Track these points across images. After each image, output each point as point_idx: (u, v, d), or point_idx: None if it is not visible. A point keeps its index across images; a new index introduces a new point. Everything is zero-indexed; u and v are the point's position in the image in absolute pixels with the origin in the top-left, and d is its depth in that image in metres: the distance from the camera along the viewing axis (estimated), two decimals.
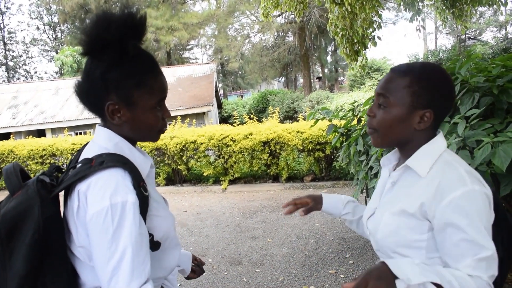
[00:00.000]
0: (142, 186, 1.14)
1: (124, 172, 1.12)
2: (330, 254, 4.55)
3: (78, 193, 1.09)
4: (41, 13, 45.32)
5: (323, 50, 33.99)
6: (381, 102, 1.22)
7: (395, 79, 1.20)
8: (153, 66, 1.20)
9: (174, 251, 1.31)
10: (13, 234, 1.06)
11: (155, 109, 1.20)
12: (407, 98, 1.18)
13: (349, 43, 6.28)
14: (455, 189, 1.09)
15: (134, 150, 1.23)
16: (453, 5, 7.31)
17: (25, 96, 19.36)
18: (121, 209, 1.05)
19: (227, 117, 26.36)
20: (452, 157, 1.19)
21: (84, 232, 1.09)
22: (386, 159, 1.39)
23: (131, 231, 1.05)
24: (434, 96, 1.17)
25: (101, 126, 1.23)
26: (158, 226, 1.21)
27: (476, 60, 2.99)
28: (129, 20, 1.11)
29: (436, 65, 1.22)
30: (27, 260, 1.04)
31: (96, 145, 1.19)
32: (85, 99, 1.19)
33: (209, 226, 6.04)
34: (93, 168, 1.09)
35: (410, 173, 1.22)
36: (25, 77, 44.95)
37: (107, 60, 1.13)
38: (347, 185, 7.95)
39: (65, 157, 9.86)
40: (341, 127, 3.87)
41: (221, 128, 8.94)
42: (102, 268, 1.05)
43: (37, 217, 1.06)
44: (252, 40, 32.69)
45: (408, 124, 1.20)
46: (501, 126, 2.16)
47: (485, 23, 32.40)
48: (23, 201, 1.09)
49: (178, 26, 29.36)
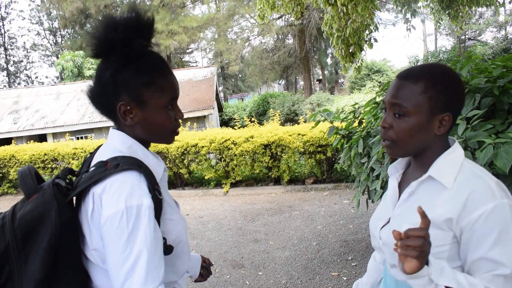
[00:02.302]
0: (157, 189, 1.14)
1: (139, 175, 1.11)
2: (332, 256, 4.54)
3: (93, 196, 1.09)
4: (42, 19, 45.47)
5: (323, 52, 34.01)
6: (397, 112, 1.16)
7: (408, 85, 1.16)
8: (162, 65, 1.20)
9: (185, 255, 1.30)
10: (29, 238, 1.06)
11: (167, 108, 1.20)
12: (424, 104, 1.13)
13: (344, 45, 6.25)
14: (485, 202, 1.06)
15: (147, 153, 1.22)
16: (449, 6, 7.30)
17: (26, 101, 19.42)
18: (136, 212, 1.05)
19: (228, 120, 26.38)
20: (474, 166, 1.16)
21: (98, 234, 1.09)
22: (393, 168, 1.34)
23: (146, 235, 1.05)
24: (450, 98, 1.14)
25: (114, 129, 1.23)
26: (171, 230, 1.20)
27: (477, 61, 2.98)
28: (135, 21, 1.12)
29: (444, 66, 1.19)
30: (43, 264, 1.04)
31: (110, 148, 1.19)
32: (98, 102, 1.20)
33: (211, 229, 6.04)
34: (108, 171, 1.09)
35: (432, 183, 1.17)
36: (26, 82, 45.08)
37: (116, 61, 1.14)
38: (348, 187, 7.95)
39: (66, 162, 9.86)
40: (342, 129, 3.86)
41: (222, 131, 8.94)
42: (115, 271, 1.04)
43: (54, 221, 1.06)
44: (252, 43, 32.81)
45: (429, 131, 1.16)
46: (502, 127, 2.15)
47: (485, 23, 32.40)
48: (40, 205, 1.08)
49: (178, 30, 29.43)
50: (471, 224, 1.07)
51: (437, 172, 1.15)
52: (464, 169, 1.14)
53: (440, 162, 1.16)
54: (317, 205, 6.91)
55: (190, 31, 30.88)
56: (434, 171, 1.15)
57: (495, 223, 1.05)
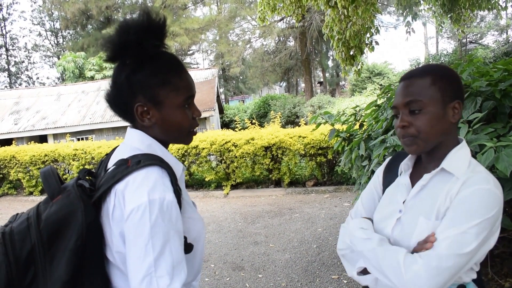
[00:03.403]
0: (178, 186, 1.14)
1: (161, 170, 1.11)
2: (332, 259, 4.53)
3: (116, 193, 1.08)
4: (43, 19, 45.58)
5: (324, 54, 34.06)
6: (413, 108, 1.22)
7: (416, 82, 1.23)
8: (176, 64, 1.21)
9: (201, 255, 1.30)
10: (56, 239, 1.05)
11: (183, 107, 1.21)
12: (437, 94, 1.20)
13: (344, 47, 6.23)
14: (478, 184, 1.13)
15: (166, 152, 1.22)
16: (451, 10, 7.30)
17: (27, 101, 19.41)
18: (159, 205, 1.04)
19: (229, 122, 26.38)
20: (479, 166, 1.23)
21: (118, 232, 1.08)
22: (405, 165, 1.38)
23: (169, 228, 1.04)
24: (456, 86, 1.23)
25: (132, 128, 1.23)
26: (191, 228, 1.20)
27: (478, 64, 2.98)
28: (147, 22, 1.13)
29: (440, 63, 1.29)
30: (69, 265, 1.03)
31: (129, 147, 1.19)
32: (115, 105, 1.21)
33: (211, 231, 6.03)
34: (130, 168, 1.09)
35: (444, 176, 1.23)
36: (27, 82, 45.15)
37: (130, 63, 1.16)
38: (349, 190, 7.94)
39: (67, 163, 9.87)
40: (343, 131, 3.86)
41: (223, 133, 8.94)
42: (137, 266, 1.02)
43: (80, 223, 1.05)
44: (253, 45, 32.81)
45: (446, 119, 1.22)
46: (504, 130, 2.15)
47: (486, 27, 32.43)
48: (66, 205, 1.08)
49: (179, 32, 29.47)
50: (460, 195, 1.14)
51: (449, 165, 1.21)
52: (471, 165, 1.21)
53: (452, 156, 1.23)
54: (318, 207, 6.90)
55: (191, 32, 30.95)
56: (447, 164, 1.21)
57: (476, 204, 1.11)
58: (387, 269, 1.15)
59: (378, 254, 1.19)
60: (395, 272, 1.12)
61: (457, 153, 1.23)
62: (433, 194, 1.21)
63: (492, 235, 1.13)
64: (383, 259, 1.17)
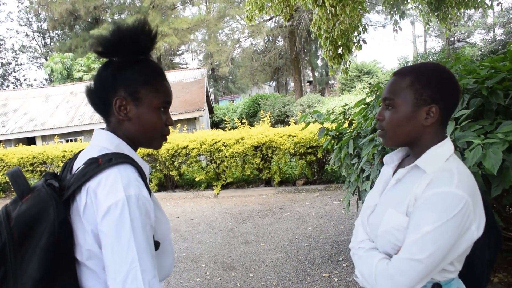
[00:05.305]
0: (148, 185, 1.17)
1: (133, 168, 1.14)
2: (323, 257, 4.55)
3: (87, 191, 1.09)
4: (30, 20, 45.02)
5: (313, 54, 34.15)
6: (387, 104, 1.30)
7: (398, 81, 1.29)
8: (159, 71, 1.28)
9: (169, 256, 1.31)
10: (27, 237, 1.05)
11: (159, 110, 1.25)
12: (410, 96, 1.25)
13: (332, 46, 6.25)
14: (439, 186, 1.14)
15: (134, 152, 1.25)
16: (438, 8, 7.36)
17: (14, 103, 19.21)
18: (136, 201, 1.07)
19: (219, 122, 26.35)
20: (456, 163, 1.22)
21: (91, 230, 1.08)
22: (389, 158, 1.44)
23: (146, 223, 1.08)
24: (435, 91, 1.23)
25: (99, 129, 1.26)
26: (158, 228, 1.21)
27: (465, 62, 3.01)
28: (142, 26, 1.20)
29: (435, 64, 1.29)
30: (41, 263, 1.03)
31: (97, 147, 1.20)
32: (95, 96, 1.23)
33: (202, 231, 6.02)
34: (102, 166, 1.10)
35: (418, 172, 1.25)
36: (15, 84, 44.58)
37: (118, 61, 1.22)
38: (339, 188, 7.97)
39: (55, 165, 9.78)
40: (332, 130, 3.88)
41: (213, 133, 8.92)
42: (120, 261, 1.03)
43: (52, 220, 1.05)
44: (242, 45, 32.78)
45: (416, 121, 1.25)
46: (491, 127, 2.17)
47: (474, 25, 32.73)
48: (37, 203, 1.08)
49: (168, 32, 29.32)
50: (421, 200, 1.17)
51: (423, 162, 1.24)
52: (447, 163, 1.21)
53: (429, 153, 1.25)
54: (308, 206, 6.91)
55: (180, 32, 30.80)
56: (421, 160, 1.25)
57: (435, 207, 1.13)
58: (365, 273, 1.25)
59: (362, 259, 1.30)
60: (370, 276, 1.21)
61: (436, 150, 1.25)
62: (405, 189, 1.26)
63: (465, 233, 1.14)
64: (363, 264, 1.28)
